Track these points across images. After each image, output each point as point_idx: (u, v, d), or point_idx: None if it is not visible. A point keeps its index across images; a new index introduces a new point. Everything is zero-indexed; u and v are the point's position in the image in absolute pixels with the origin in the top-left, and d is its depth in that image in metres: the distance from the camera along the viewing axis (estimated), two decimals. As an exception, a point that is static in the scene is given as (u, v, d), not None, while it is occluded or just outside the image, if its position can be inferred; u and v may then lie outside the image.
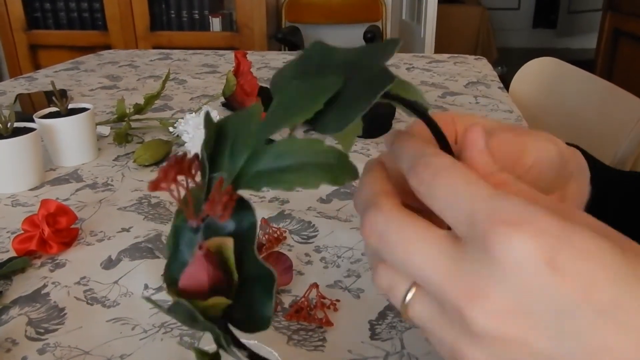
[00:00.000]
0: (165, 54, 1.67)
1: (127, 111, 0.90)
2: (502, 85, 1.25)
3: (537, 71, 1.28)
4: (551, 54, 1.33)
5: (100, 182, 0.74)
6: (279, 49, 2.68)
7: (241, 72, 0.90)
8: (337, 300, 0.48)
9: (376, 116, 0.88)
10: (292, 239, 0.59)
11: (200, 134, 0.82)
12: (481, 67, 1.43)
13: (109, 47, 2.46)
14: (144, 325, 0.46)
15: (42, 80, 1.33)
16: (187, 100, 1.15)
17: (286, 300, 0.49)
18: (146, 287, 0.51)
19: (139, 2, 2.57)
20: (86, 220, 0.64)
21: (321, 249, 0.57)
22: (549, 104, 1.20)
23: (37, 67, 2.67)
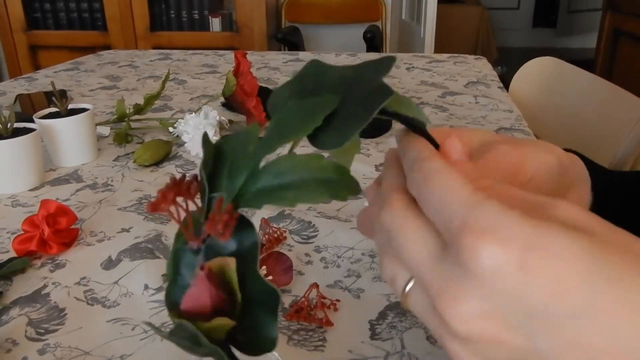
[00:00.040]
0: (165, 54, 1.67)
1: (127, 111, 0.90)
2: (502, 85, 1.25)
3: (537, 71, 1.28)
4: (551, 54, 1.33)
5: (100, 182, 0.74)
6: (279, 49, 2.68)
7: (241, 72, 0.89)
8: (337, 300, 0.48)
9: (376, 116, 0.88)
10: (292, 239, 0.59)
11: (200, 134, 0.82)
12: (481, 66, 1.43)
13: (108, 47, 2.46)
14: (144, 325, 0.46)
15: (42, 80, 1.33)
16: (187, 100, 1.15)
17: (286, 300, 0.49)
18: (146, 287, 0.51)
19: (139, 2, 2.57)
20: (86, 220, 0.64)
21: (321, 249, 0.57)
22: (548, 103, 1.20)
23: (37, 67, 2.67)
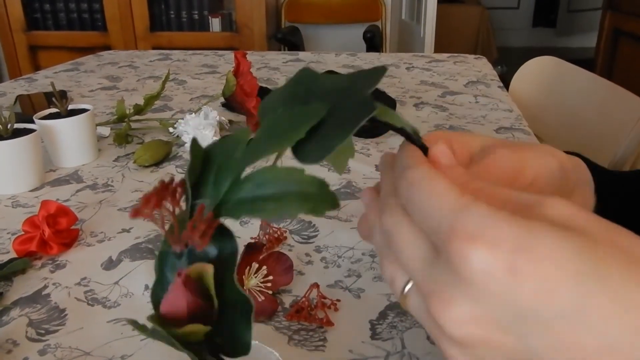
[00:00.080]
0: (165, 54, 1.67)
1: (127, 112, 0.90)
2: (502, 84, 1.25)
3: (536, 70, 1.28)
4: (551, 53, 1.33)
5: (100, 182, 0.74)
6: (279, 49, 2.68)
7: (241, 72, 0.89)
8: (338, 300, 0.48)
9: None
10: (293, 239, 0.59)
11: (200, 134, 0.82)
12: (481, 66, 1.43)
13: (108, 47, 2.46)
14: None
15: (42, 81, 1.33)
16: (187, 100, 1.15)
17: (287, 300, 0.49)
18: (147, 287, 0.51)
19: (139, 2, 2.57)
20: (86, 221, 0.64)
21: (321, 249, 0.57)
22: (548, 103, 1.20)
23: (36, 68, 2.67)
